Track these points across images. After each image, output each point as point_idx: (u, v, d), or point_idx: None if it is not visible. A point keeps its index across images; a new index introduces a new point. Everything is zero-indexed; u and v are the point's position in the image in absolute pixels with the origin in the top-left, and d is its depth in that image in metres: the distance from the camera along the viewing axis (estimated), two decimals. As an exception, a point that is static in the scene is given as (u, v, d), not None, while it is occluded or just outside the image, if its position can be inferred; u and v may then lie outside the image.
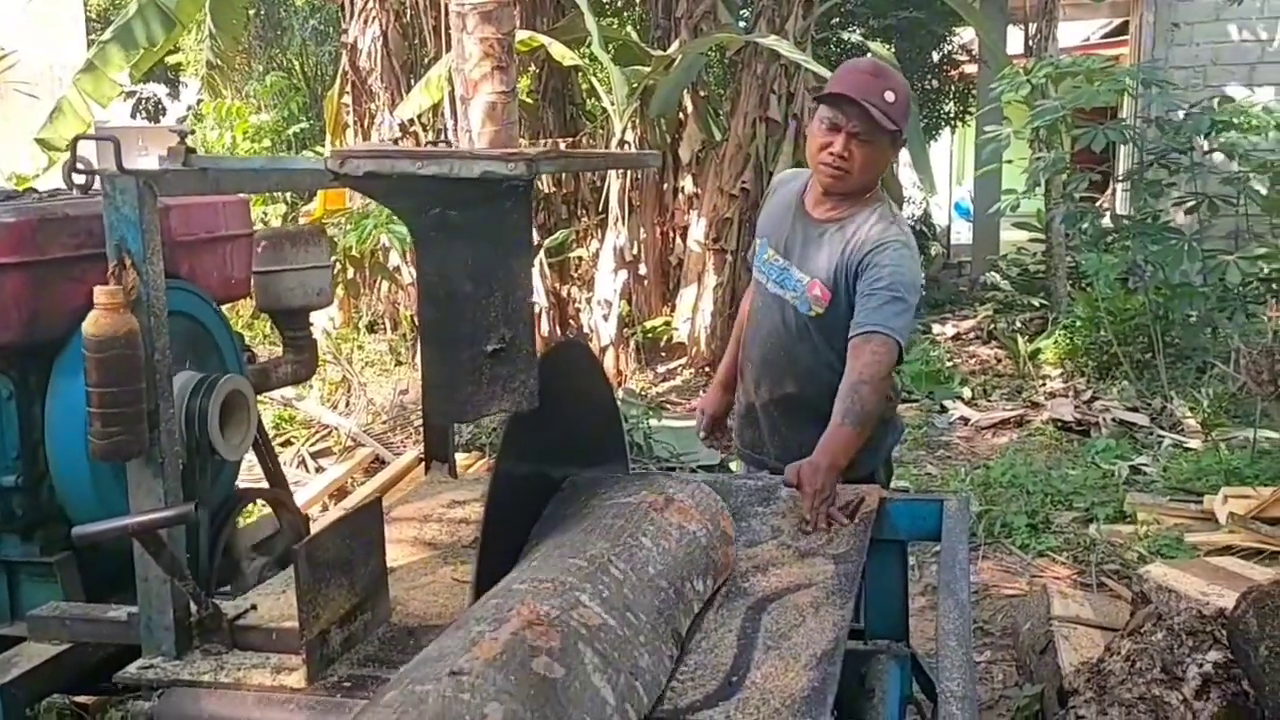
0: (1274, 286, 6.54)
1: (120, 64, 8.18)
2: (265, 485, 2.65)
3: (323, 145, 9.49)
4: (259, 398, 2.43)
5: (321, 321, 7.94)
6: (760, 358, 2.75)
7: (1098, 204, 8.26)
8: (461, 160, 1.64)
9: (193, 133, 1.80)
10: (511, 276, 1.68)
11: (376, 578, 1.83)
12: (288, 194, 8.92)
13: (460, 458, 4.18)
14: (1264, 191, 6.62)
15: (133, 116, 15.46)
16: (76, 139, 1.70)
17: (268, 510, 2.69)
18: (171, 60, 12.08)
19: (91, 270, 1.89)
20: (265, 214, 9.32)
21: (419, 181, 1.65)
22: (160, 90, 16.08)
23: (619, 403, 6.59)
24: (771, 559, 2.07)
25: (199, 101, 11.42)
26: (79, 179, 1.88)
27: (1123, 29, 12.29)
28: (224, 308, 2.49)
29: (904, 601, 2.48)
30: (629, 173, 7.68)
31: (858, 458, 2.46)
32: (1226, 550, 4.09)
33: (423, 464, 2.82)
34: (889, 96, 2.47)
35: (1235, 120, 6.57)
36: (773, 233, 2.72)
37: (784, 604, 1.85)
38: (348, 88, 8.96)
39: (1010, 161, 7.68)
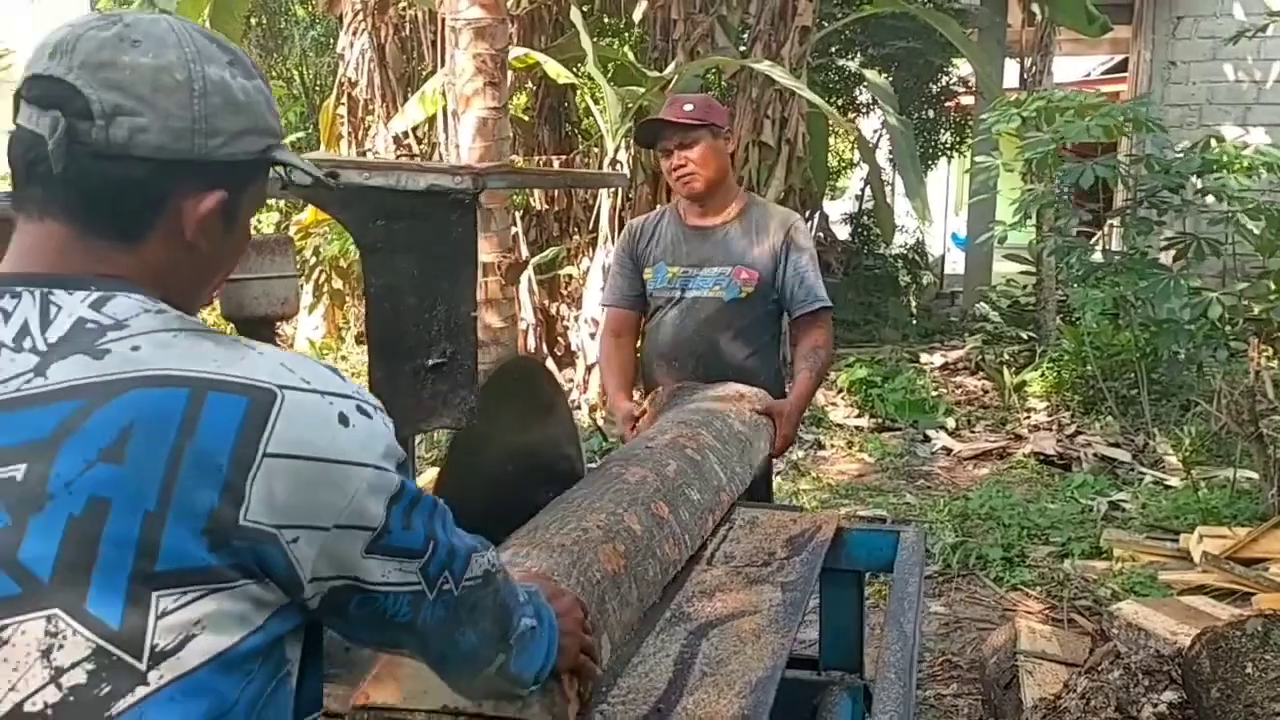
0: (1261, 325, 6.52)
1: (119, 68, 8.21)
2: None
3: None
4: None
5: (306, 330, 7.93)
6: (692, 356, 3.12)
7: (1093, 240, 8.26)
8: (408, 172, 1.63)
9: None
10: (455, 291, 1.66)
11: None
12: (281, 202, 8.92)
13: (435, 472, 4.15)
14: (1256, 231, 6.62)
15: (136, 121, 15.51)
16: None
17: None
18: (174, 66, 12.10)
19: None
20: (259, 222, 9.33)
21: (366, 192, 1.64)
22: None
23: (597, 424, 6.57)
24: (720, 584, 2.05)
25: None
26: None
27: (1123, 65, 12.35)
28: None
29: (859, 632, 2.47)
30: (620, 191, 7.68)
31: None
32: (1200, 590, 4.08)
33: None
34: (687, 106, 3.01)
35: (1226, 160, 6.57)
36: (666, 255, 3.16)
37: (725, 630, 1.83)
38: (343, 99, 8.98)
39: (1001, 193, 7.69)
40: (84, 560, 0.84)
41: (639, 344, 3.38)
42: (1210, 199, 6.71)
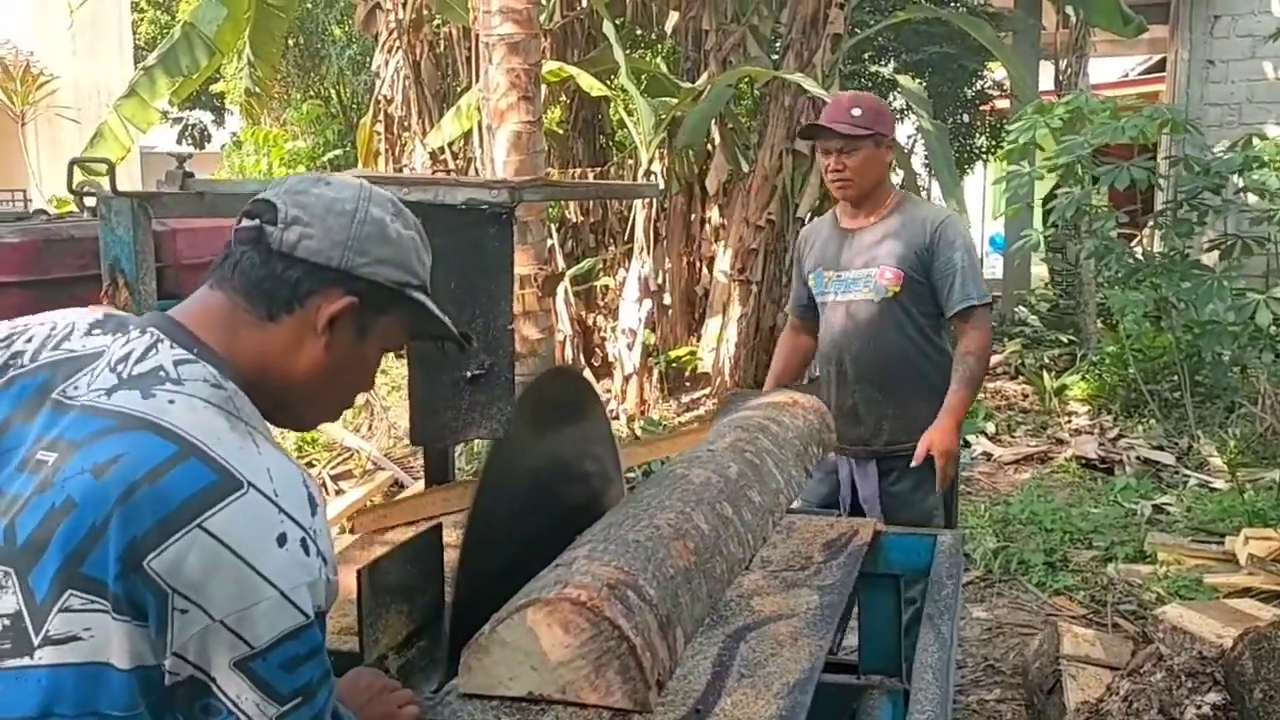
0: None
1: (162, 90, 8.36)
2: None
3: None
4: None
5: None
6: (850, 359, 3.14)
7: (1132, 242, 8.16)
8: (446, 187, 1.67)
9: (191, 156, 1.85)
10: (493, 303, 1.70)
11: (435, 606, 1.84)
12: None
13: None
14: (1299, 229, 6.51)
15: (179, 142, 15.81)
16: (73, 162, 1.74)
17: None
18: (216, 88, 12.32)
19: (94, 290, 1.93)
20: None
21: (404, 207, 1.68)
22: (206, 117, 16.42)
23: (635, 434, 6.59)
24: (757, 588, 2.06)
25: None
26: (89, 201, 1.93)
27: (1161, 65, 12.22)
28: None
29: (898, 636, 2.47)
30: (654, 202, 7.72)
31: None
32: (1245, 592, 4.03)
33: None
34: (855, 112, 2.99)
35: (1267, 158, 6.48)
36: (821, 260, 3.22)
37: (763, 633, 1.85)
38: (380, 116, 9.09)
39: (1038, 202, 7.63)
40: (43, 541, 1.01)
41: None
42: (1252, 198, 6.63)
